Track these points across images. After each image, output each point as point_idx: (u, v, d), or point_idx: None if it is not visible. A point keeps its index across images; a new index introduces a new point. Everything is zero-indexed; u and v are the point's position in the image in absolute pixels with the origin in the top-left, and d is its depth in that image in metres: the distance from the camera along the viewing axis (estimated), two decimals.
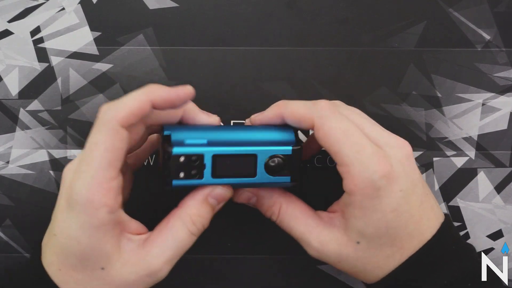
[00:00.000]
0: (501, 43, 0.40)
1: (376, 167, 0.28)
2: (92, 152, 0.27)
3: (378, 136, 0.30)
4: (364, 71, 0.40)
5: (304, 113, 0.30)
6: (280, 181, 0.31)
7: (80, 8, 0.39)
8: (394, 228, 0.29)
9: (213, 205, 0.31)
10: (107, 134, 0.27)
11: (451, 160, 0.40)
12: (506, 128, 0.40)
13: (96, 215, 0.27)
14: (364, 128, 0.30)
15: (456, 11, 0.40)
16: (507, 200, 0.40)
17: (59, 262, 0.29)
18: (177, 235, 0.30)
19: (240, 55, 0.39)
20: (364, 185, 0.28)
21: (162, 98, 0.29)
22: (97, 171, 0.27)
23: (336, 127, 0.29)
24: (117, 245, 0.29)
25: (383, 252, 0.30)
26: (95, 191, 0.27)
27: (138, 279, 0.29)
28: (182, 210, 0.30)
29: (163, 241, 0.29)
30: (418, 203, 0.30)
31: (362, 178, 0.28)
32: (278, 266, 0.40)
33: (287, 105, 0.32)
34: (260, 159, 0.30)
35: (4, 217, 0.39)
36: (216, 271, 0.40)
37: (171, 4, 0.39)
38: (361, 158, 0.28)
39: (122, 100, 0.28)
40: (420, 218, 0.30)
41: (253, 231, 0.40)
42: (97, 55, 0.39)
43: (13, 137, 0.39)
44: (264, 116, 0.33)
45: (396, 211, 0.29)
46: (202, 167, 0.30)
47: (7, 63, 0.39)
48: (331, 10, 0.40)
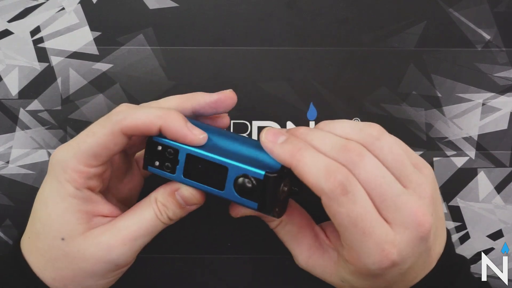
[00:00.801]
0: (501, 43, 0.40)
1: (377, 259, 0.27)
2: (87, 138, 0.29)
3: (396, 210, 0.27)
4: (364, 71, 0.39)
5: (311, 184, 0.27)
6: (247, 204, 0.28)
7: (80, 8, 0.39)
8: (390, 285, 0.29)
9: (180, 203, 0.30)
10: (105, 133, 0.29)
11: (451, 160, 0.40)
12: (506, 128, 0.40)
13: (65, 186, 0.29)
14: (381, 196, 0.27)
15: (456, 11, 0.40)
16: (507, 200, 0.40)
17: (29, 228, 0.31)
18: (143, 213, 0.30)
19: (240, 55, 0.39)
20: (360, 268, 0.28)
21: (172, 132, 0.29)
22: (82, 154, 0.29)
23: (343, 213, 0.26)
24: (84, 220, 0.29)
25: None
26: (71, 166, 0.29)
27: (97, 253, 0.29)
28: (152, 193, 0.31)
29: (129, 217, 0.30)
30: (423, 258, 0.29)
31: (360, 264, 0.27)
32: (278, 266, 0.40)
33: (300, 160, 0.27)
34: (230, 174, 0.28)
35: (4, 217, 0.39)
36: (216, 271, 0.40)
37: (171, 4, 0.39)
38: (364, 248, 0.27)
39: (136, 110, 0.29)
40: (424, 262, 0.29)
41: (253, 231, 0.40)
42: (97, 55, 0.39)
43: (13, 137, 0.39)
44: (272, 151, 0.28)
45: (388, 283, 0.29)
46: (175, 162, 0.29)
47: (7, 63, 0.39)
48: (331, 10, 0.40)
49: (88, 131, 0.29)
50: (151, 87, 0.39)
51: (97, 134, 0.29)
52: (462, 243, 0.40)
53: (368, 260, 0.27)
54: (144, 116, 0.29)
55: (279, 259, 0.40)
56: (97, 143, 0.29)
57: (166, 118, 0.29)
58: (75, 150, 0.29)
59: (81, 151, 0.29)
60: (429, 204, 0.28)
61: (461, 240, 0.40)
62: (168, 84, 0.39)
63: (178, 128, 0.29)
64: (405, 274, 0.28)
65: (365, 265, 0.27)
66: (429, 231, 0.27)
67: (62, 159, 0.29)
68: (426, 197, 0.28)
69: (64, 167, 0.29)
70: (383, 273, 0.28)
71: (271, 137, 0.28)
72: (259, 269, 0.40)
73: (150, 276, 0.40)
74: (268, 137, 0.28)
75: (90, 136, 0.29)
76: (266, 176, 0.27)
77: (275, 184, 0.28)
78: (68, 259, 0.29)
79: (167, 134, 0.29)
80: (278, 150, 0.28)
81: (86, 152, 0.29)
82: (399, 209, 0.27)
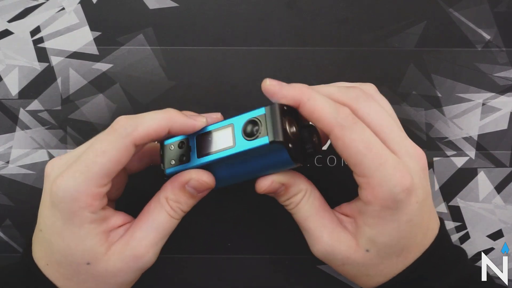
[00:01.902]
0: (501, 43, 0.39)
1: (398, 181, 0.28)
2: (96, 158, 0.28)
3: (398, 144, 0.29)
4: (364, 71, 0.39)
5: (324, 117, 0.28)
6: (259, 144, 0.29)
7: (80, 8, 0.39)
8: (405, 239, 0.29)
9: (191, 192, 0.31)
10: (118, 148, 0.28)
11: (451, 160, 0.40)
12: (506, 128, 0.40)
13: (80, 214, 0.28)
14: (384, 133, 0.29)
15: (456, 11, 0.40)
16: (507, 200, 0.40)
17: (46, 257, 0.30)
18: (157, 217, 0.30)
19: (240, 55, 0.39)
20: (384, 198, 0.28)
21: (180, 126, 0.30)
22: (93, 176, 0.28)
23: (357, 139, 0.28)
24: (104, 239, 0.29)
25: (389, 261, 0.30)
26: (83, 192, 0.28)
27: (125, 266, 0.29)
28: (161, 193, 0.31)
29: (145, 224, 0.30)
30: (428, 214, 0.30)
31: (383, 191, 0.28)
32: (278, 266, 0.40)
33: (310, 97, 0.29)
34: (236, 128, 0.30)
35: (4, 217, 0.39)
36: (216, 271, 0.40)
37: (171, 4, 0.39)
38: (383, 171, 0.28)
39: (142, 118, 0.29)
40: (427, 228, 0.31)
41: (253, 231, 0.40)
42: (97, 55, 0.39)
43: (13, 137, 0.39)
44: (280, 90, 0.29)
45: (410, 222, 0.29)
46: (188, 150, 0.30)
47: (7, 63, 0.39)
48: (331, 10, 0.40)
49: (95, 151, 0.28)
50: (151, 87, 0.39)
51: (108, 152, 0.28)
52: (462, 243, 0.40)
53: (390, 182, 0.28)
54: (154, 123, 0.29)
55: (279, 259, 0.40)
56: (110, 161, 0.28)
57: (171, 119, 0.29)
58: (85, 175, 0.28)
59: (92, 174, 0.28)
60: None
61: (461, 240, 0.40)
62: (168, 84, 0.39)
63: (184, 123, 0.30)
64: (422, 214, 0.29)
65: (388, 190, 0.28)
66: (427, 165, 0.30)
67: (71, 188, 0.28)
68: None
69: (75, 196, 0.28)
70: (405, 200, 0.28)
71: (275, 83, 0.29)
72: (259, 269, 0.40)
73: (150, 276, 0.40)
74: (272, 82, 0.29)
75: (100, 156, 0.28)
76: (267, 108, 0.29)
77: (277, 112, 0.29)
78: (98, 279, 0.29)
79: (177, 132, 0.30)
80: (285, 89, 0.29)
81: (98, 173, 0.28)
82: (401, 143, 0.29)
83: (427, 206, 0.30)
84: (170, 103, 0.39)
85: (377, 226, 0.29)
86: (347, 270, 0.31)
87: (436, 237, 0.31)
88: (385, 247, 0.30)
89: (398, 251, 0.30)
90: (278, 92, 0.29)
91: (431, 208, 0.31)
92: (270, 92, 0.29)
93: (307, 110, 0.29)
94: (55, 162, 0.31)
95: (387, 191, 0.28)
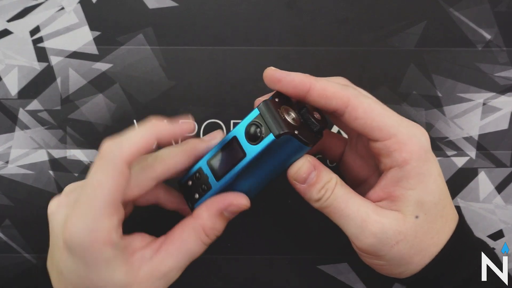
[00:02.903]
0: (501, 43, 0.39)
1: (420, 131, 0.29)
2: (95, 192, 0.27)
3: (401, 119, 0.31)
4: (364, 71, 0.39)
5: (337, 91, 0.29)
6: (267, 142, 0.28)
7: (80, 8, 0.39)
8: (443, 193, 0.30)
9: (228, 217, 0.31)
10: (112, 175, 0.27)
11: (452, 160, 0.40)
12: (507, 128, 0.40)
13: (101, 254, 0.27)
14: None
15: (457, 10, 0.39)
16: (508, 200, 0.40)
17: None
18: (191, 246, 0.30)
19: (240, 55, 0.39)
20: (418, 150, 0.29)
21: (166, 134, 0.29)
22: (100, 211, 0.27)
23: (373, 103, 0.29)
24: (131, 267, 0.29)
25: (437, 224, 0.30)
26: (98, 231, 0.27)
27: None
28: (197, 221, 0.30)
29: (177, 251, 0.30)
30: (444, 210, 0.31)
31: (415, 143, 0.29)
32: (278, 266, 0.40)
33: (318, 80, 0.29)
34: (240, 137, 0.29)
35: (3, 217, 0.39)
36: (216, 271, 0.40)
37: (171, 4, 0.39)
38: (407, 126, 0.29)
39: (126, 136, 0.28)
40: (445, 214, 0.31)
41: (253, 231, 0.40)
42: (97, 55, 0.39)
43: (13, 137, 0.39)
44: (288, 75, 0.29)
45: (440, 175, 0.30)
46: (206, 178, 0.30)
47: (6, 63, 0.39)
48: (331, 10, 0.39)
49: (92, 185, 0.27)
50: (151, 87, 0.39)
51: (104, 181, 0.27)
52: None
53: (417, 134, 0.29)
54: (139, 136, 0.28)
55: (279, 259, 0.40)
56: (109, 190, 0.27)
57: (157, 127, 0.28)
58: (92, 213, 0.27)
59: (98, 209, 0.27)
60: None
61: None
62: (168, 84, 0.39)
63: (171, 130, 0.29)
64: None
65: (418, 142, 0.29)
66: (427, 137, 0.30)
67: (84, 232, 0.27)
68: None
69: (91, 238, 0.27)
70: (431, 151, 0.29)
71: (280, 71, 0.29)
72: (259, 269, 0.40)
73: None
74: (278, 70, 0.29)
75: (98, 188, 0.27)
76: (259, 107, 0.29)
77: (270, 106, 0.29)
78: None
79: (167, 141, 0.29)
80: (292, 75, 0.29)
81: (103, 206, 0.27)
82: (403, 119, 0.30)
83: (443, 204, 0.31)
84: (170, 103, 0.39)
85: (420, 184, 0.29)
86: (401, 250, 0.29)
87: (460, 218, 0.31)
88: (431, 206, 0.29)
89: (441, 210, 0.30)
90: (285, 77, 0.29)
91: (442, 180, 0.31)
92: (275, 78, 0.29)
93: (318, 90, 0.29)
94: (59, 202, 0.30)
95: (418, 142, 0.29)
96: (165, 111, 0.39)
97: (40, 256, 0.40)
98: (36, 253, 0.40)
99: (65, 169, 0.39)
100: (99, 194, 0.27)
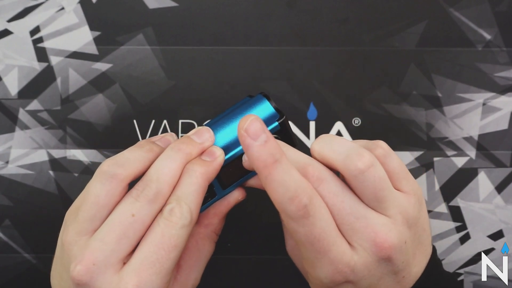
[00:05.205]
0: (502, 43, 0.39)
1: (330, 275, 0.27)
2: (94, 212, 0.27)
3: (354, 230, 0.27)
4: (364, 71, 0.39)
5: (277, 202, 0.26)
6: None
7: (80, 8, 0.39)
8: None
9: None
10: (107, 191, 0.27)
11: (452, 160, 0.40)
12: (507, 128, 0.40)
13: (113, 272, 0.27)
14: (342, 215, 0.27)
15: (457, 10, 0.39)
16: (508, 200, 0.40)
17: None
18: (207, 253, 0.31)
19: (240, 55, 0.39)
20: (315, 278, 0.28)
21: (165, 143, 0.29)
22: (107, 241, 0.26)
23: (301, 232, 0.26)
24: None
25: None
26: (108, 258, 0.26)
27: None
28: (208, 229, 0.31)
29: (197, 262, 0.31)
30: (389, 280, 0.29)
31: (315, 276, 0.28)
32: (278, 266, 0.40)
33: (273, 171, 0.25)
34: None
35: (3, 217, 0.39)
36: (216, 271, 0.40)
37: (170, 4, 0.39)
38: (318, 264, 0.27)
39: (126, 154, 0.28)
40: (391, 284, 0.29)
41: (253, 231, 0.40)
42: (97, 55, 0.39)
43: (13, 137, 0.39)
44: (249, 148, 0.25)
45: None
46: (211, 187, 0.30)
47: (6, 63, 0.39)
48: (331, 10, 0.39)
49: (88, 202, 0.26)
50: (150, 87, 0.39)
51: (101, 196, 0.26)
52: (462, 243, 0.40)
53: (322, 274, 0.27)
54: (136, 155, 0.27)
55: (279, 259, 0.40)
56: (105, 207, 0.27)
57: (148, 144, 0.28)
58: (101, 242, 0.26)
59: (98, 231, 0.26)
60: (399, 226, 0.27)
61: (462, 240, 0.40)
62: (168, 84, 0.39)
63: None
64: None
65: (319, 278, 0.28)
66: (391, 254, 0.27)
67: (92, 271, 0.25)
68: (398, 219, 0.27)
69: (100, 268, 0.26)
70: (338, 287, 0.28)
71: (252, 134, 0.25)
72: (259, 269, 0.40)
73: None
74: (250, 131, 0.25)
75: (94, 203, 0.26)
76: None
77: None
78: None
79: None
80: (254, 151, 0.25)
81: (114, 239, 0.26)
82: (357, 232, 0.27)
83: (388, 277, 0.28)
84: (170, 103, 0.39)
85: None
86: None
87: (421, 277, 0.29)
88: None
89: None
90: (247, 148, 0.25)
91: (401, 266, 0.28)
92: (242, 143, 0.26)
93: (263, 185, 0.26)
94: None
95: (318, 278, 0.28)
96: (165, 111, 0.39)
97: (40, 256, 0.40)
98: (36, 253, 0.40)
99: (65, 169, 0.39)
100: (97, 215, 0.27)
